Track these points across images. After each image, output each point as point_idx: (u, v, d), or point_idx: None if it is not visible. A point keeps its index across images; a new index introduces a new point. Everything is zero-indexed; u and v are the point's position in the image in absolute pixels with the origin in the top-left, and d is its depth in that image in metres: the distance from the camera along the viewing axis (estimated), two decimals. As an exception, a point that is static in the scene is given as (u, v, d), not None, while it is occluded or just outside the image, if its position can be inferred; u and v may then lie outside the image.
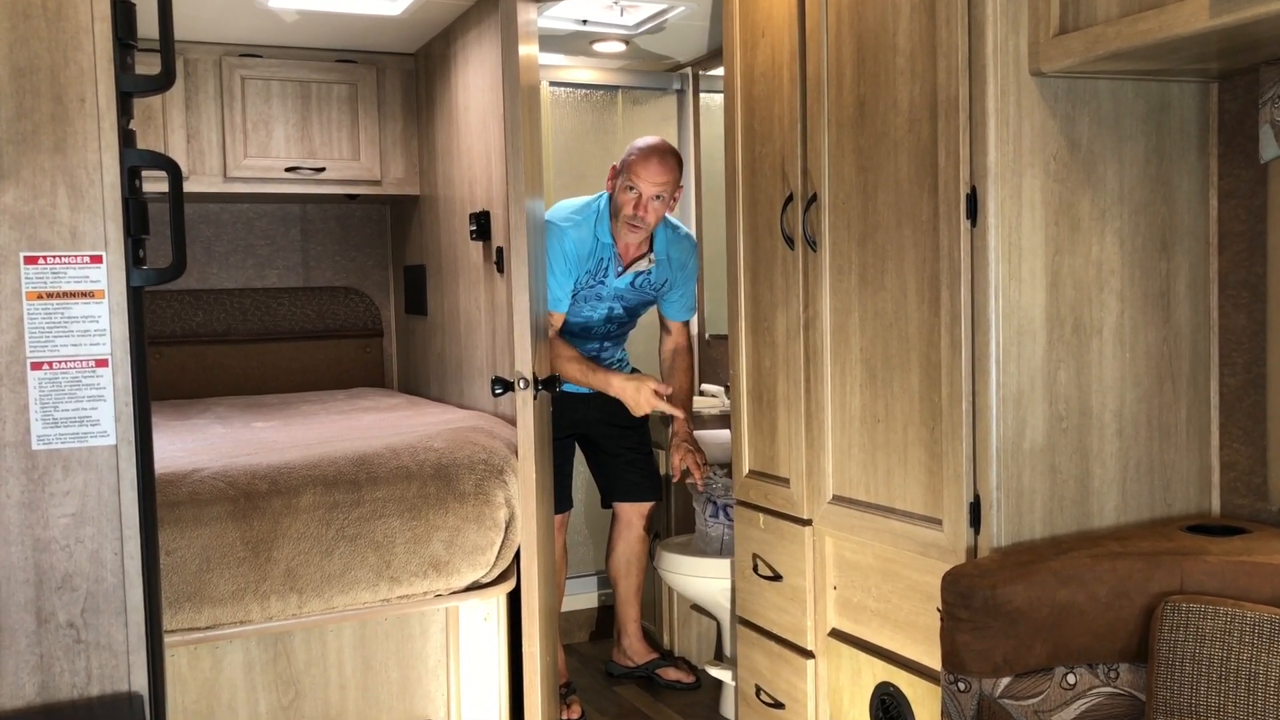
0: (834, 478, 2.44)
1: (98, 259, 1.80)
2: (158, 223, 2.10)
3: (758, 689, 2.74)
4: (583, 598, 4.07)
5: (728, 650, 3.33)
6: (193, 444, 3.12)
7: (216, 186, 3.99)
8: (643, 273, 3.37)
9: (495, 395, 2.68)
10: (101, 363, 1.81)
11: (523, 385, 2.60)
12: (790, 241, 2.54)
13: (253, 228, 4.52)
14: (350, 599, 2.72)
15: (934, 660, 2.13)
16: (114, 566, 1.83)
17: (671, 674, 3.57)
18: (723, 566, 3.16)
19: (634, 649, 3.62)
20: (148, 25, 1.84)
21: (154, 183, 1.91)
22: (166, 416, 3.70)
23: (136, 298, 1.84)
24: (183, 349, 4.41)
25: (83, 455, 1.81)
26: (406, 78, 4.22)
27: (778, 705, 2.65)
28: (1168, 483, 2.19)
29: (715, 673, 3.22)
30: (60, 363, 1.79)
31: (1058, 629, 1.80)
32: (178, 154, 3.88)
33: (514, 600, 2.90)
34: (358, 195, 4.25)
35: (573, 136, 4.33)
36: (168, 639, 2.48)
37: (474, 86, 3.59)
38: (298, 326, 4.61)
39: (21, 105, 1.75)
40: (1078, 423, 2.09)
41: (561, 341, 3.30)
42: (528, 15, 2.68)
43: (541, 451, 2.71)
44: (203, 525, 2.58)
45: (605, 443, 3.50)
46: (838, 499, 2.43)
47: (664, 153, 3.24)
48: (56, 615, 1.81)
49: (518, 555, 2.85)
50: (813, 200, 2.45)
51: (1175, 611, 1.75)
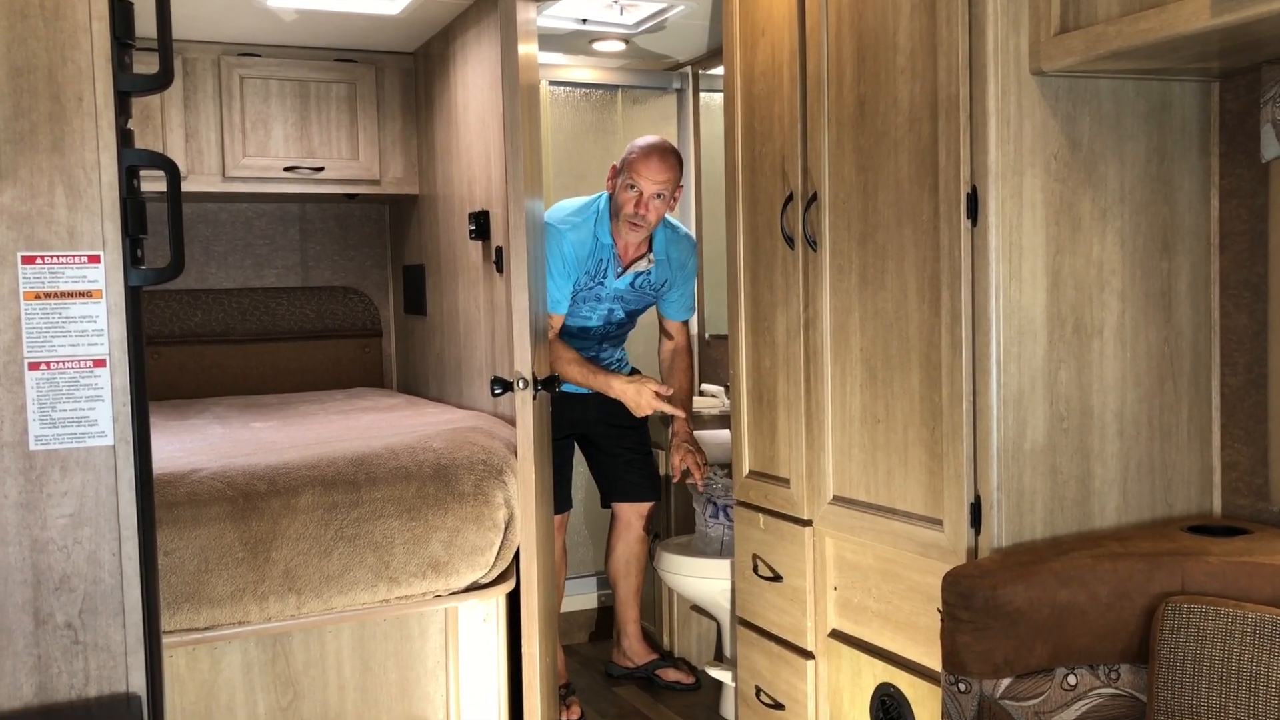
0: (834, 478, 2.44)
1: (95, 259, 1.80)
2: (156, 222, 2.10)
3: (758, 690, 2.73)
4: (582, 598, 4.06)
5: (728, 651, 3.33)
6: (191, 444, 3.11)
7: (215, 186, 3.99)
8: (642, 273, 3.36)
9: (494, 395, 2.68)
10: (99, 363, 1.81)
11: (522, 385, 2.59)
12: (790, 241, 2.53)
13: (251, 227, 4.52)
14: (349, 600, 2.72)
15: (934, 661, 2.13)
16: (112, 567, 1.82)
17: (671, 675, 3.56)
18: (723, 567, 3.15)
19: (634, 650, 3.61)
20: (146, 24, 1.84)
21: (152, 182, 1.90)
22: (165, 417, 3.70)
23: (134, 298, 1.84)
24: (181, 349, 4.41)
25: (80, 456, 1.80)
26: (405, 77, 4.22)
27: (778, 706, 2.65)
28: (1169, 483, 2.18)
29: (715, 673, 3.21)
30: (58, 363, 1.79)
31: (1058, 630, 1.80)
32: (176, 153, 3.88)
33: (513, 601, 2.89)
34: (357, 195, 4.24)
35: (572, 136, 4.33)
36: (166, 640, 2.48)
37: (473, 86, 3.58)
38: (296, 326, 4.60)
39: (19, 104, 1.75)
40: (1078, 423, 2.09)
41: (561, 344, 3.29)
42: (527, 14, 2.67)
43: (541, 452, 2.70)
44: (201, 526, 2.57)
45: (604, 443, 3.49)
46: (838, 499, 2.43)
47: (664, 151, 3.24)
48: (54, 616, 1.80)
49: (517, 556, 2.84)
50: (813, 200, 2.45)
51: (1176, 612, 1.75)
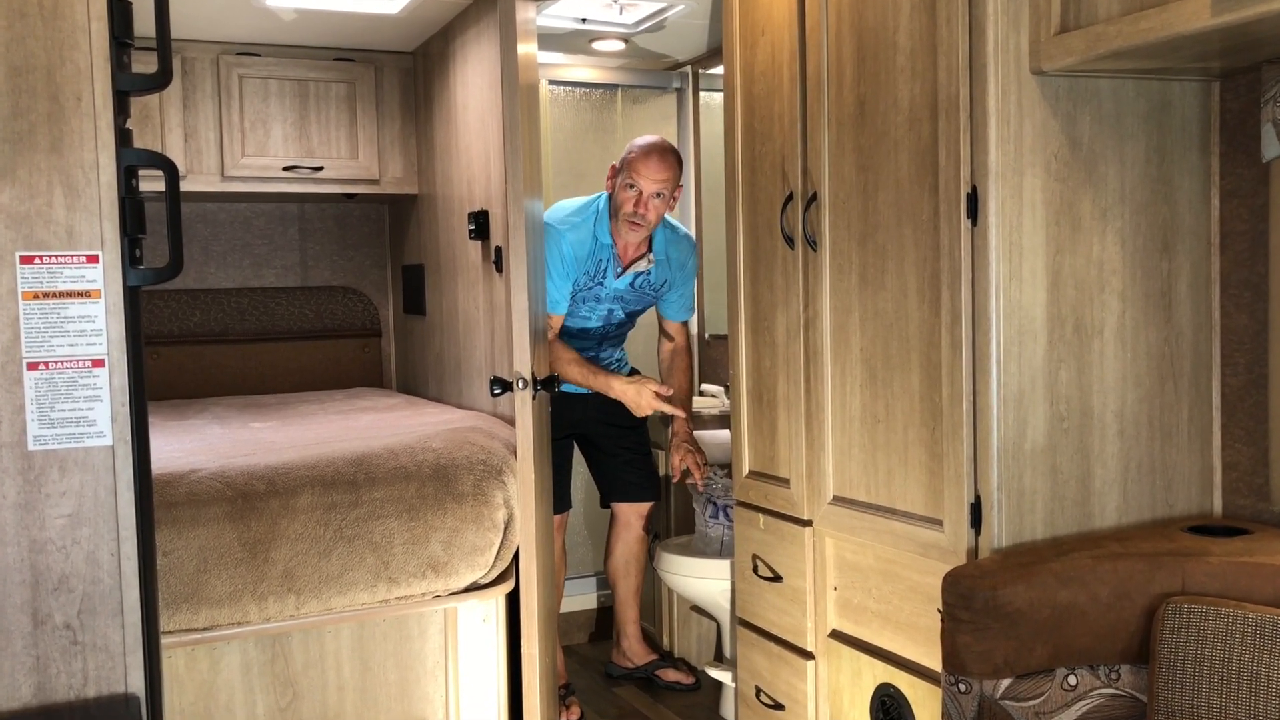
0: (834, 478, 2.43)
1: (94, 259, 1.79)
2: (155, 222, 2.10)
3: (758, 690, 2.73)
4: (582, 599, 4.06)
5: (727, 651, 3.32)
6: (190, 444, 3.11)
7: (214, 185, 3.98)
8: (642, 273, 3.36)
9: (494, 395, 2.68)
10: (98, 363, 1.81)
11: (521, 385, 2.59)
12: (790, 241, 2.53)
13: (250, 227, 4.51)
14: (348, 600, 2.72)
15: (935, 661, 2.13)
16: (110, 567, 1.82)
17: (671, 675, 3.56)
18: (722, 567, 3.15)
19: (633, 650, 3.61)
20: (145, 24, 1.84)
21: (151, 182, 1.90)
22: (164, 417, 3.69)
23: (133, 297, 1.84)
24: (180, 349, 4.40)
25: (79, 456, 1.80)
26: (405, 76, 4.21)
27: (778, 706, 2.65)
28: (1169, 483, 2.18)
29: (715, 674, 3.21)
30: (56, 363, 1.78)
31: (1059, 630, 1.79)
32: (175, 153, 3.88)
33: (513, 601, 2.89)
34: (356, 194, 4.24)
35: (572, 135, 4.32)
36: (165, 640, 2.47)
37: (472, 85, 3.58)
38: (296, 326, 4.60)
39: (17, 104, 1.75)
40: (1079, 423, 2.08)
41: (561, 344, 3.29)
42: (526, 13, 2.67)
43: (540, 452, 2.70)
44: (200, 526, 2.57)
45: (604, 443, 3.49)
46: (838, 500, 2.42)
47: (664, 150, 3.24)
48: (53, 616, 1.80)
49: (516, 556, 2.84)
50: (813, 199, 2.44)
51: (1177, 612, 1.74)
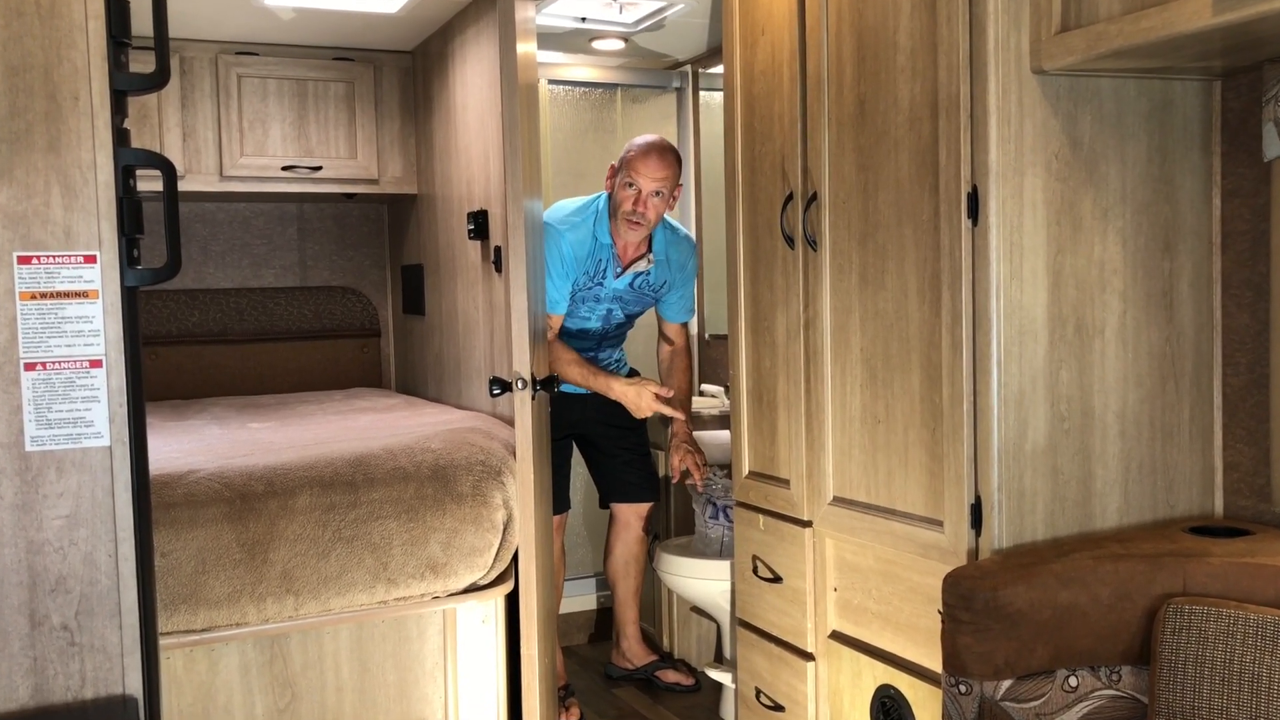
0: (834, 479, 2.43)
1: (91, 259, 1.79)
2: (153, 222, 2.09)
3: (758, 691, 2.73)
4: (581, 599, 4.05)
5: (727, 652, 3.32)
6: (188, 445, 3.11)
7: (213, 185, 3.98)
8: (642, 273, 3.35)
9: (493, 396, 2.67)
10: (95, 363, 1.80)
11: (521, 386, 2.58)
12: (790, 241, 2.53)
13: (249, 227, 4.51)
14: (347, 601, 2.71)
15: (935, 662, 2.12)
16: (108, 569, 1.81)
17: (671, 676, 3.55)
18: (722, 568, 3.14)
19: (633, 651, 3.60)
20: (142, 23, 1.83)
21: (149, 181, 1.89)
22: (162, 417, 3.69)
23: (131, 298, 1.83)
24: (179, 349, 4.40)
25: (76, 457, 1.79)
26: (404, 76, 4.21)
27: (778, 708, 2.64)
28: (1170, 484, 2.18)
29: (715, 675, 3.20)
30: (54, 363, 1.78)
31: (1059, 631, 1.79)
32: (174, 152, 3.87)
33: (512, 602, 2.88)
34: (355, 194, 4.23)
35: (571, 135, 4.32)
36: (163, 641, 2.46)
37: (472, 84, 3.57)
38: (295, 326, 4.59)
39: (15, 104, 1.74)
40: (1080, 423, 2.08)
41: (561, 344, 3.29)
42: (526, 13, 2.67)
43: (540, 452, 2.69)
44: (198, 527, 2.56)
45: (603, 443, 3.48)
46: (838, 500, 2.42)
47: (663, 149, 3.23)
48: (50, 618, 1.80)
49: (516, 557, 2.84)
50: (813, 199, 2.44)
51: (1178, 613, 1.74)
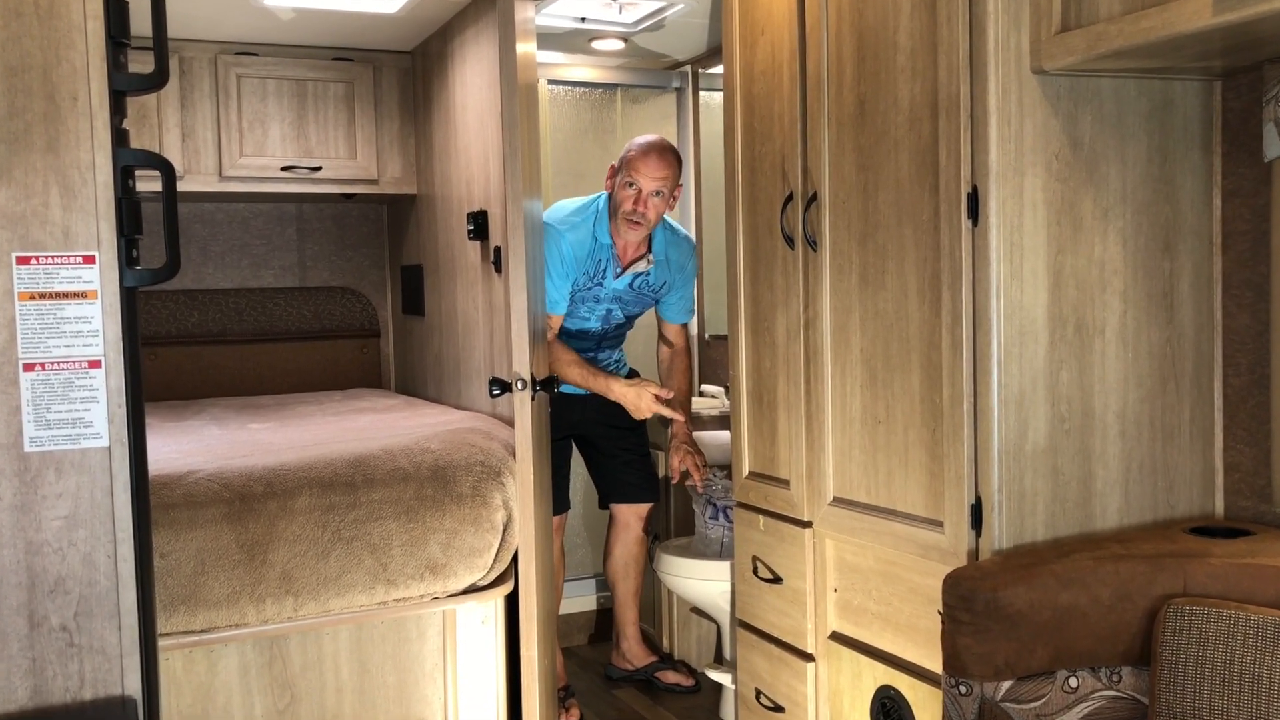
0: (834, 479, 2.42)
1: (90, 259, 1.79)
2: (152, 222, 2.09)
3: (758, 692, 2.72)
4: (581, 600, 4.05)
5: (727, 653, 3.31)
6: (188, 445, 3.10)
7: (212, 186, 3.98)
8: (641, 274, 3.35)
9: (493, 396, 2.67)
10: (94, 364, 1.80)
11: (520, 386, 2.58)
12: (790, 241, 2.52)
13: (248, 227, 4.50)
14: (346, 602, 2.71)
15: (935, 663, 2.12)
16: (107, 569, 1.81)
17: (671, 677, 3.55)
18: (722, 569, 3.14)
19: (633, 652, 3.60)
20: (141, 23, 1.83)
21: (148, 182, 1.89)
22: (161, 418, 3.68)
23: (130, 298, 1.83)
24: (178, 350, 4.39)
25: (75, 457, 1.79)
26: (403, 76, 4.20)
27: (778, 709, 2.64)
28: (1171, 484, 2.17)
29: (715, 676, 3.20)
30: (53, 364, 1.78)
31: (1060, 632, 1.78)
32: (173, 153, 3.87)
33: (512, 603, 2.88)
34: (354, 194, 4.23)
35: (571, 135, 4.31)
36: (162, 642, 2.46)
37: (471, 85, 3.57)
38: (294, 327, 4.59)
39: (13, 104, 1.74)
40: (1080, 424, 2.08)
41: (561, 345, 3.28)
42: (525, 13, 2.66)
43: (539, 453, 2.69)
44: (197, 528, 2.56)
45: (602, 444, 3.48)
46: (838, 501, 2.41)
47: (663, 149, 3.23)
48: (49, 619, 1.79)
49: (515, 558, 2.83)
50: (813, 199, 2.43)
51: (1178, 614, 1.74)
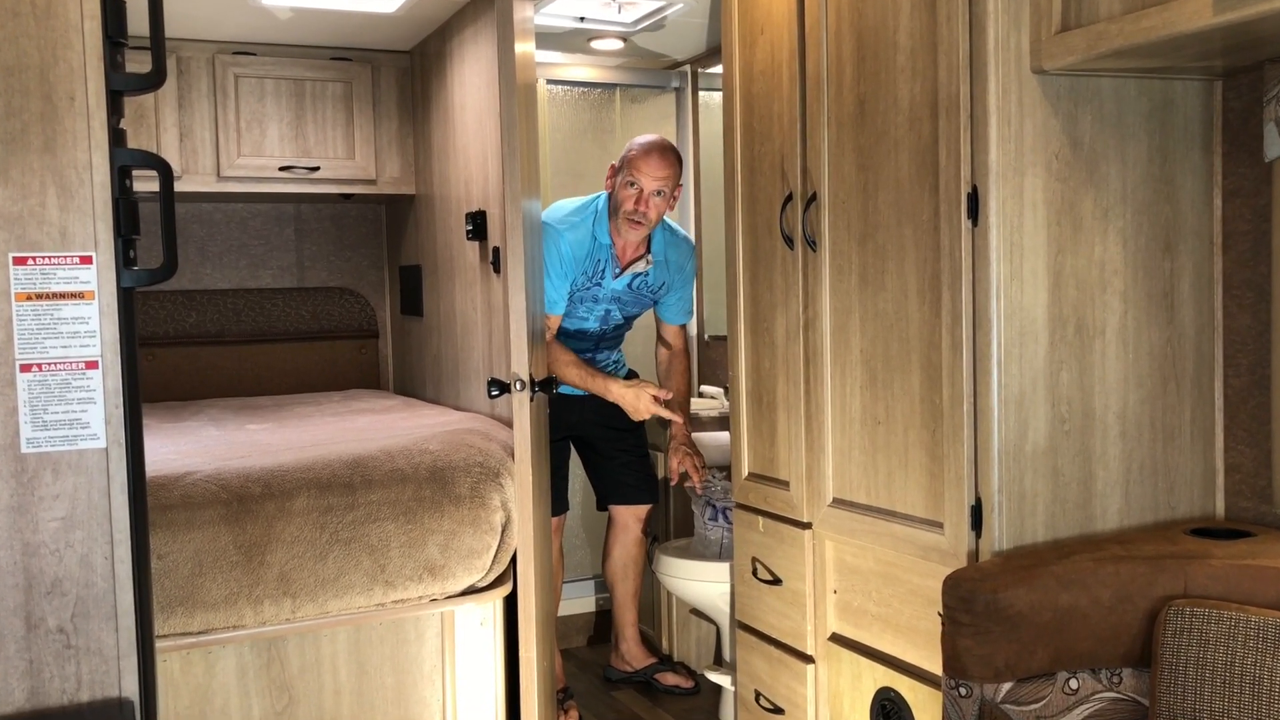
0: (834, 480, 2.42)
1: (87, 259, 1.78)
2: (149, 223, 2.08)
3: (757, 694, 2.72)
4: (580, 602, 4.04)
5: (727, 655, 3.31)
6: (185, 446, 3.10)
7: (210, 186, 3.97)
8: (640, 274, 3.35)
9: (491, 397, 2.66)
10: (91, 365, 1.79)
11: (519, 387, 2.57)
12: (790, 241, 2.52)
13: (246, 227, 4.50)
14: (344, 603, 2.70)
15: (935, 665, 2.11)
16: (104, 571, 1.81)
17: (670, 679, 3.55)
18: (722, 570, 3.13)
19: (632, 654, 3.60)
20: (139, 23, 1.82)
21: (146, 182, 1.89)
22: (159, 419, 3.68)
23: (127, 299, 1.83)
24: (176, 350, 4.39)
25: (72, 458, 1.79)
26: (402, 76, 4.20)
27: (777, 710, 2.63)
28: (1171, 485, 2.17)
29: (714, 678, 3.19)
30: (50, 365, 1.77)
31: (1060, 633, 1.78)
32: (170, 153, 3.86)
33: (510, 605, 2.87)
34: (353, 195, 4.22)
35: (570, 135, 4.31)
36: (159, 644, 2.46)
37: (470, 84, 3.57)
38: (292, 327, 4.59)
39: (10, 104, 1.74)
40: (1080, 424, 2.07)
41: (559, 345, 3.28)
42: (524, 12, 2.66)
43: (538, 454, 2.69)
44: (195, 529, 2.55)
45: (601, 445, 3.48)
46: (838, 502, 2.41)
47: (664, 149, 3.23)
48: (46, 620, 1.79)
49: (514, 559, 2.83)
50: (812, 200, 2.43)
51: (1179, 615, 1.73)
